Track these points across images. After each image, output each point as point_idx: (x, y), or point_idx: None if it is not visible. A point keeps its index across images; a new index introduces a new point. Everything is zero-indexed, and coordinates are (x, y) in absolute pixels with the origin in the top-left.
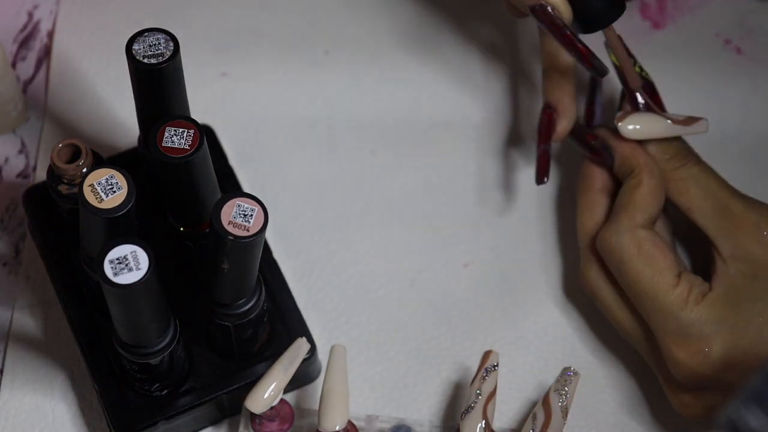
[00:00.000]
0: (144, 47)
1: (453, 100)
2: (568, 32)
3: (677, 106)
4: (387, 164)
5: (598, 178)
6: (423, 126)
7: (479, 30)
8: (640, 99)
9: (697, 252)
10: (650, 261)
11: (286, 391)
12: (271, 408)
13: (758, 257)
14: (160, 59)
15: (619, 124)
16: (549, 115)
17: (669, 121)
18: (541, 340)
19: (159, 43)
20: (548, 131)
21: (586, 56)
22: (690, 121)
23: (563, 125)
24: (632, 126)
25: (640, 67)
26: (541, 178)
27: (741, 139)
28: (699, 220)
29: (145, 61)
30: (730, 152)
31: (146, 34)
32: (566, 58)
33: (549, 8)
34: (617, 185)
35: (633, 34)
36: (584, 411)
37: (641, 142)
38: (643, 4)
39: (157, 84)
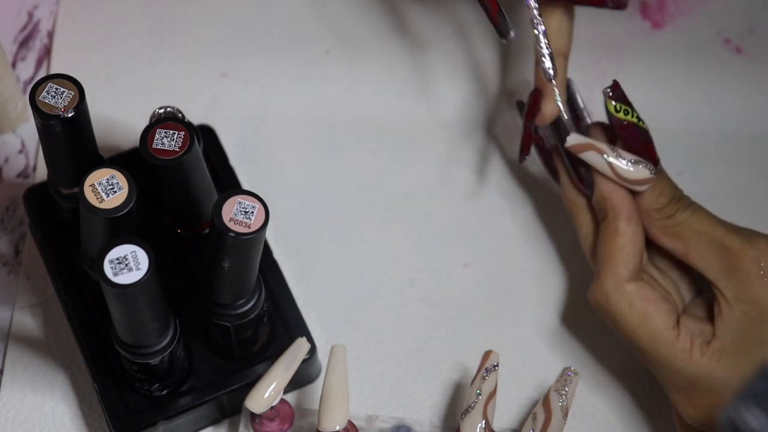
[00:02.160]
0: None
1: (453, 100)
2: None
3: (678, 106)
4: (387, 164)
5: (581, 199)
6: (423, 126)
7: (480, 30)
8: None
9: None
10: (644, 317)
11: (286, 391)
12: (271, 408)
13: (763, 297)
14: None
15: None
16: (536, 96)
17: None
18: (542, 339)
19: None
20: (533, 111)
21: (493, 12)
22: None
23: (549, 107)
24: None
25: (638, 117)
26: (523, 155)
27: (741, 139)
28: (698, 264)
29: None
30: (730, 152)
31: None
32: (556, 44)
33: None
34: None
35: (633, 33)
36: (584, 411)
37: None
38: (643, 4)
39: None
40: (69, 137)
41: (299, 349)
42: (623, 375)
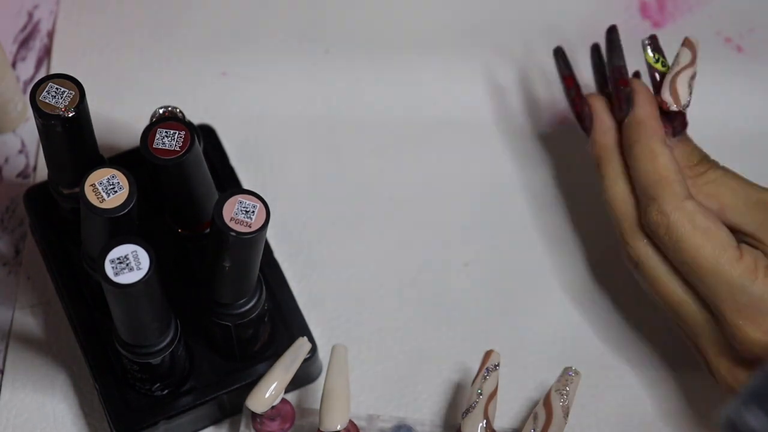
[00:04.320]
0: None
1: (453, 100)
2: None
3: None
4: (387, 164)
5: (614, 144)
6: (423, 126)
7: (480, 30)
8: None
9: None
10: (707, 234)
11: (287, 390)
12: (272, 407)
13: None
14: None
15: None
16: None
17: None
18: (542, 339)
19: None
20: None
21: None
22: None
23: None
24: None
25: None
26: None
27: (741, 138)
28: (734, 219)
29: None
30: (730, 151)
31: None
32: None
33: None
34: None
35: (633, 33)
36: (585, 411)
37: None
38: (643, 4)
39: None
40: (69, 137)
41: (300, 349)
42: (624, 374)
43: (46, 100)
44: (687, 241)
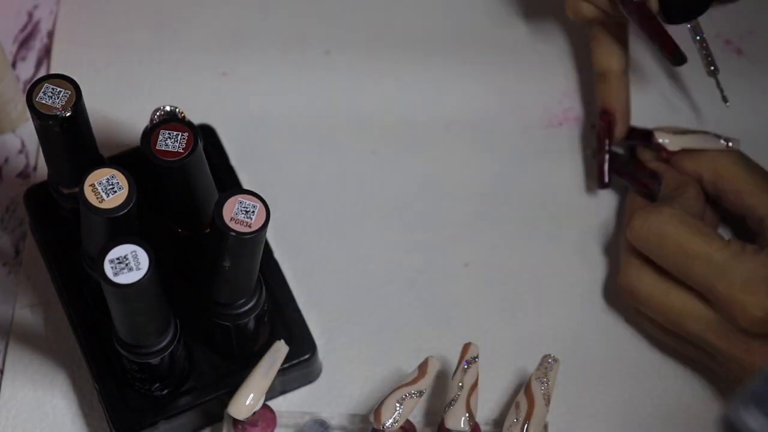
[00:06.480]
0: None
1: (453, 100)
2: (657, 21)
3: (678, 106)
4: (387, 164)
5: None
6: (423, 126)
7: (480, 30)
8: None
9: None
10: (696, 228)
11: (288, 391)
12: (253, 413)
13: None
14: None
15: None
16: (607, 120)
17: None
18: (543, 339)
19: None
20: (608, 136)
21: (670, 44)
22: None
23: (620, 129)
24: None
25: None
26: (602, 181)
27: (741, 140)
28: (749, 200)
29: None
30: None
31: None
32: (620, 62)
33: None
34: None
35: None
36: (586, 410)
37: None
38: None
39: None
40: (68, 137)
41: (278, 352)
42: (625, 374)
43: (43, 101)
44: (676, 236)
